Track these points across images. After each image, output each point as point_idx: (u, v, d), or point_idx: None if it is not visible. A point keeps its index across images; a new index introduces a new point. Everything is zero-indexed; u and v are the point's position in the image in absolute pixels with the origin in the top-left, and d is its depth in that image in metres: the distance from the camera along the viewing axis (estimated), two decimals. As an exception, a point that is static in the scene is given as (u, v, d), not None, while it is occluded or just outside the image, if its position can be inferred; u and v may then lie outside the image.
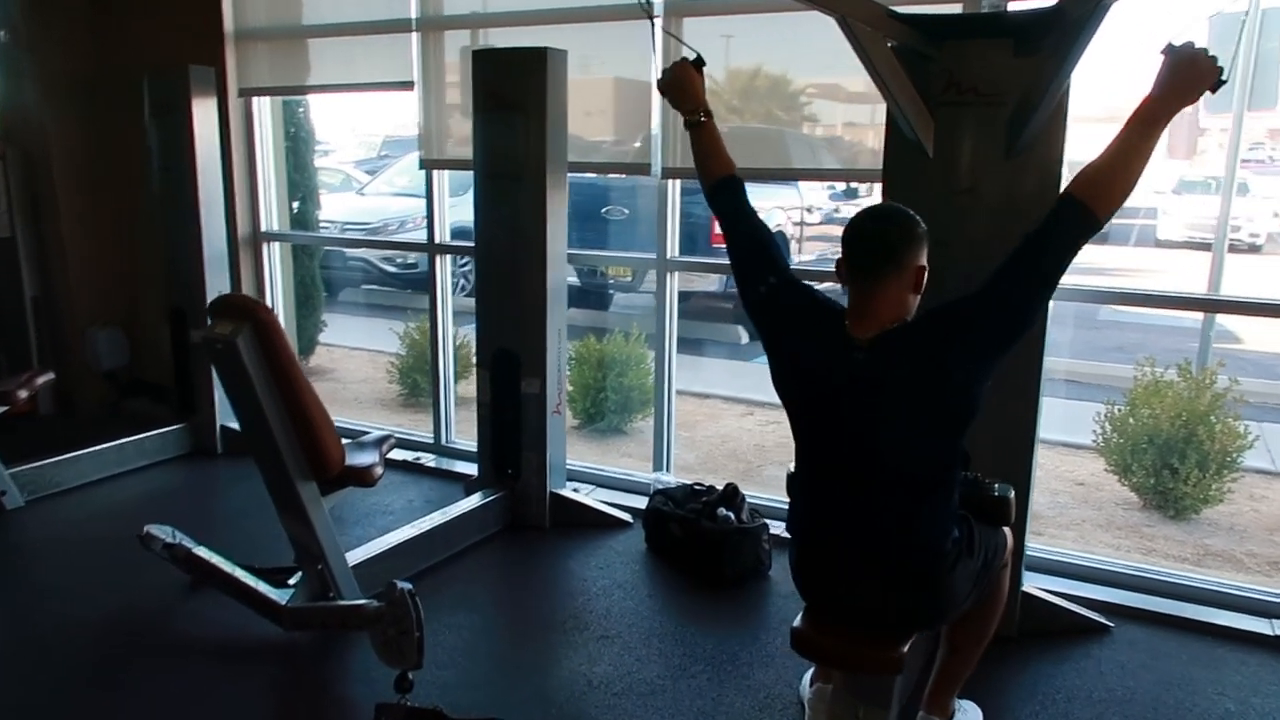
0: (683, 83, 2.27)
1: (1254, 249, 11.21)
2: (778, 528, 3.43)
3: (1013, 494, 2.28)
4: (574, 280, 8.00)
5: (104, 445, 4.15)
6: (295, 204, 6.18)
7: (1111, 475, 4.34)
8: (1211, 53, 1.73)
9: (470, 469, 4.06)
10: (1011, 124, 2.63)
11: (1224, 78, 1.73)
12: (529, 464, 3.69)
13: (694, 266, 4.52)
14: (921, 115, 2.70)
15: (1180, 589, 3.18)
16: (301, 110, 6.18)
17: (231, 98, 4.56)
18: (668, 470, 3.99)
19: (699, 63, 2.30)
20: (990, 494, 2.26)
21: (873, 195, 9.38)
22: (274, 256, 4.87)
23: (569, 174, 3.59)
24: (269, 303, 4.84)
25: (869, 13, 2.50)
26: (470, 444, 4.18)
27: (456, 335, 4.65)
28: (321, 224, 9.12)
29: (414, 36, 4.07)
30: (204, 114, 4.23)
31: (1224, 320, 7.89)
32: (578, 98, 3.61)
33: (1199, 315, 6.44)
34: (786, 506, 2.17)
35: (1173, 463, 4.00)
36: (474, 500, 3.66)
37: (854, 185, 8.36)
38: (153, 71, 4.29)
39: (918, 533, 1.96)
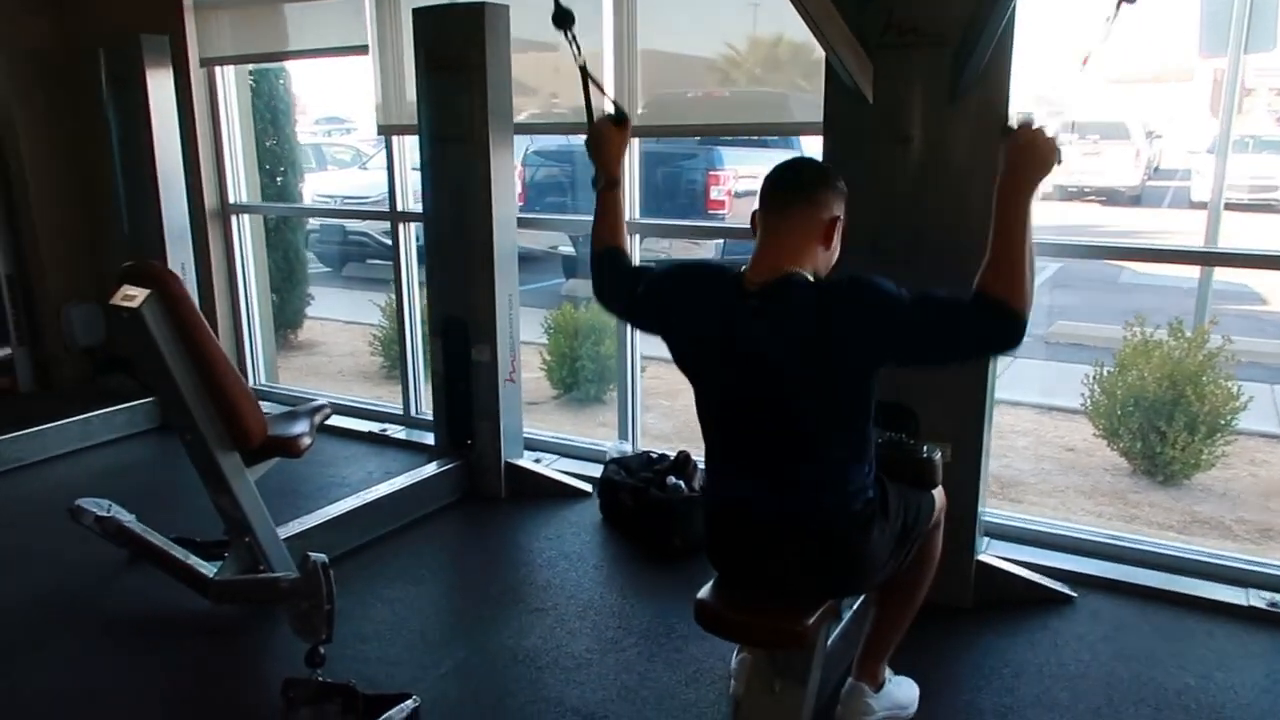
0: (603, 143, 2.13)
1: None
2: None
3: (939, 455, 2.15)
4: (569, 250, 7.91)
5: (68, 420, 4.14)
6: (279, 178, 6.14)
7: (1102, 440, 4.16)
8: (1047, 129, 1.70)
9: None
10: (954, 64, 2.46)
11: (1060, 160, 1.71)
12: (483, 433, 3.61)
13: (656, 230, 4.39)
14: (860, 60, 2.55)
15: (1155, 557, 3.01)
16: (281, 81, 6.11)
17: (193, 68, 4.48)
18: (631, 439, 3.88)
19: (620, 117, 2.14)
20: (916, 455, 2.15)
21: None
22: (244, 229, 4.81)
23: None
24: (238, 275, 4.79)
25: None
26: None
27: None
28: (320, 198, 9.13)
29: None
30: (159, 85, 4.15)
31: (1250, 282, 7.60)
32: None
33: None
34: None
35: (1160, 425, 3.81)
36: (426, 470, 3.58)
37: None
38: (108, 42, 4.22)
39: (825, 493, 1.84)
